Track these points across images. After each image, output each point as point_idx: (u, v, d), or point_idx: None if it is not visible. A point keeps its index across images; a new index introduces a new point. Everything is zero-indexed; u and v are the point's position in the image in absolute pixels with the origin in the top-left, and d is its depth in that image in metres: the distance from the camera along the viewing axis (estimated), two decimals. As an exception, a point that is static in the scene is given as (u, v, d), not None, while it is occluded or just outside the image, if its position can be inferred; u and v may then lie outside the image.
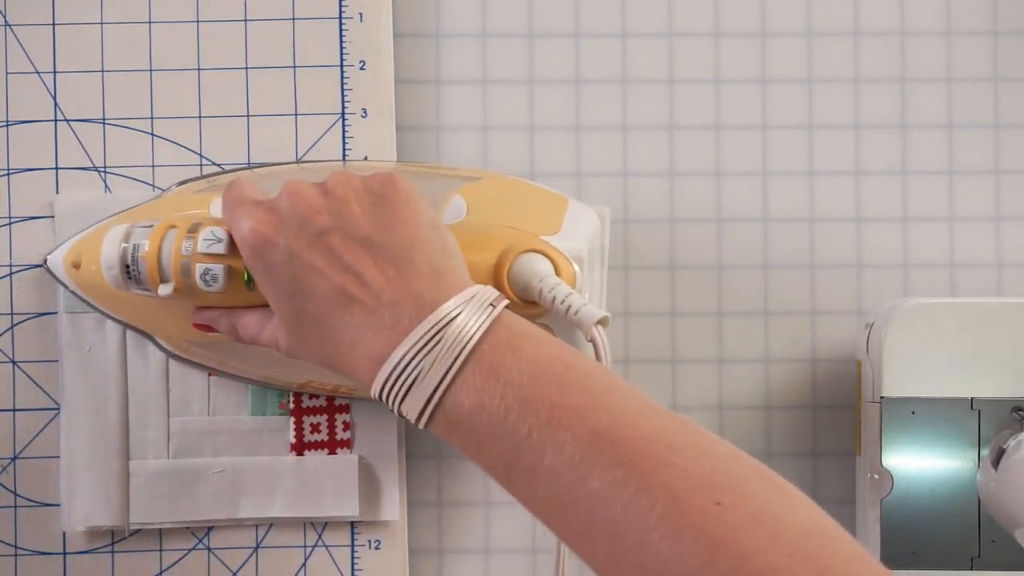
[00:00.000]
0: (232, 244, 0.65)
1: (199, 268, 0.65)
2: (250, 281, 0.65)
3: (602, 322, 0.64)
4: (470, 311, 0.58)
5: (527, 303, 0.66)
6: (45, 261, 0.73)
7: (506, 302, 0.60)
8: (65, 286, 0.72)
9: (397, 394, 0.58)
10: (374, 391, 0.59)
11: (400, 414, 0.59)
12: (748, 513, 0.52)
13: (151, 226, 0.67)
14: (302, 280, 0.61)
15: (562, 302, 0.65)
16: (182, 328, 0.70)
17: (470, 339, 0.58)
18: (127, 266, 0.67)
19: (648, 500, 0.53)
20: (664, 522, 0.52)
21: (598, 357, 0.64)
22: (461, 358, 0.57)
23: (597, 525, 0.54)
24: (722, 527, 0.52)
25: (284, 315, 0.63)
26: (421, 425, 0.59)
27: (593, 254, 0.72)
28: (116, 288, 0.68)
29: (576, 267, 0.67)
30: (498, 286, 0.66)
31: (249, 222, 0.62)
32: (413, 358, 0.58)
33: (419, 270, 0.60)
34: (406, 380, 0.58)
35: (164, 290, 0.66)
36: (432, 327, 0.58)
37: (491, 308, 0.59)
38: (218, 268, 0.65)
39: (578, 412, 0.56)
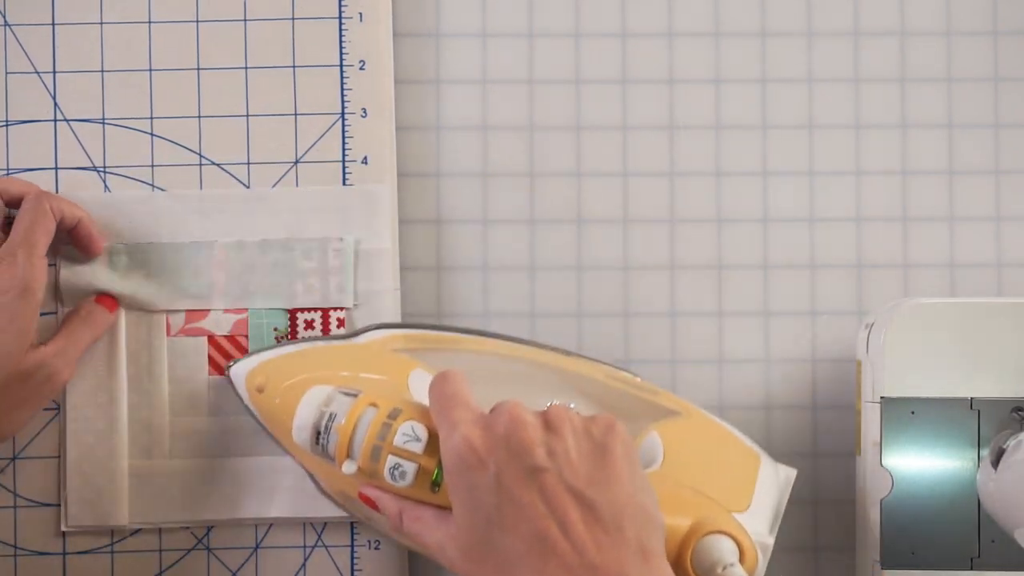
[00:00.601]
0: (430, 444, 0.64)
1: (390, 460, 0.64)
2: (437, 484, 0.64)
3: None
4: None
5: None
6: (228, 368, 0.73)
7: None
8: (242, 401, 0.73)
9: None
10: None
11: None
12: None
13: (354, 395, 0.67)
14: (504, 511, 0.59)
15: None
16: (344, 485, 0.69)
17: None
18: (319, 433, 0.66)
19: None
20: None
21: None
22: None
23: None
24: None
25: (470, 535, 0.61)
26: None
27: (774, 525, 0.71)
28: (301, 446, 0.67)
29: (761, 555, 0.67)
30: (679, 558, 0.65)
31: (465, 433, 0.61)
32: None
33: (627, 541, 0.59)
34: None
35: (348, 468, 0.65)
36: None
37: None
38: (409, 466, 0.64)
39: None
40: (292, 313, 0.76)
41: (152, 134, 0.76)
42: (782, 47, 0.79)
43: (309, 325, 0.76)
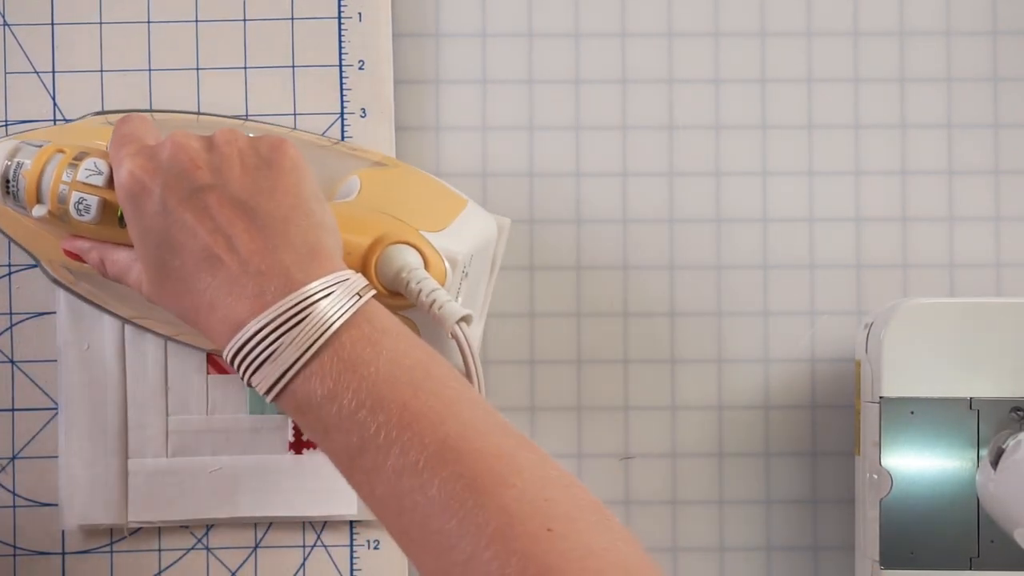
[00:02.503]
0: (112, 179, 0.65)
1: (75, 196, 0.65)
2: (124, 219, 0.64)
3: (465, 319, 0.64)
4: (336, 297, 0.58)
5: (393, 294, 0.66)
6: None
7: (373, 292, 0.60)
8: None
9: (250, 365, 0.58)
10: (226, 356, 0.59)
11: (249, 384, 0.59)
12: (577, 544, 0.52)
13: (40, 146, 0.67)
14: (171, 233, 0.60)
15: (427, 296, 0.65)
16: (58, 252, 0.70)
17: (331, 325, 0.57)
18: (7, 181, 0.67)
19: (484, 518, 0.53)
20: (496, 542, 0.52)
21: (462, 354, 0.64)
22: (319, 343, 0.57)
23: (430, 534, 0.54)
24: (551, 555, 0.52)
25: (149, 262, 0.62)
26: (269, 399, 0.58)
27: (479, 260, 0.72)
28: None
29: (448, 265, 0.67)
30: (366, 272, 0.66)
31: (129, 164, 0.62)
32: (271, 333, 0.57)
33: (292, 244, 0.59)
34: (260, 353, 0.57)
35: (38, 211, 0.66)
36: (295, 305, 0.57)
37: (357, 298, 0.58)
38: (93, 199, 0.65)
39: (429, 418, 0.55)
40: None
41: (152, 134, 0.76)
42: (782, 47, 0.79)
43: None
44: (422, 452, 0.55)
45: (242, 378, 0.59)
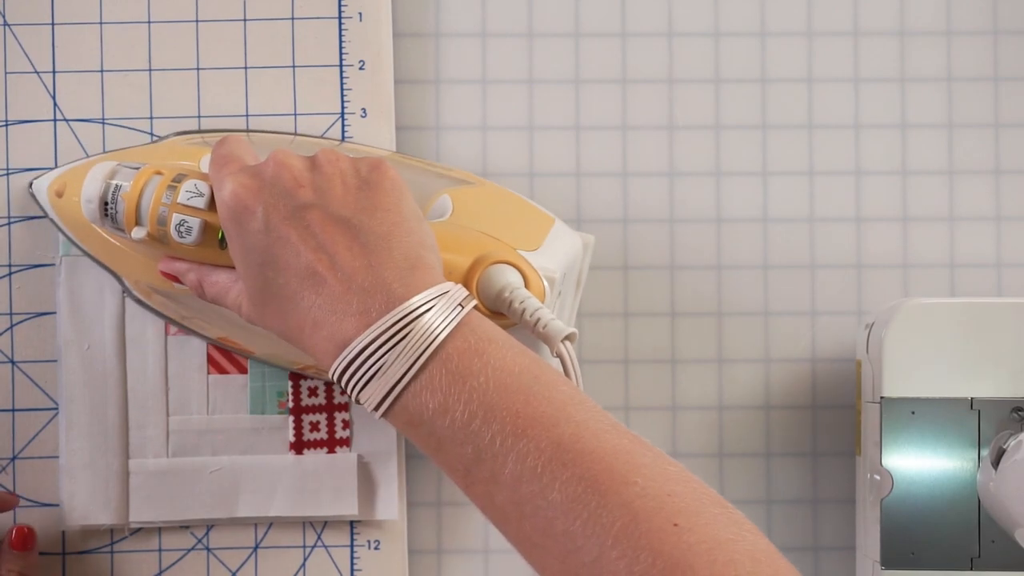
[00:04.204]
0: (213, 200, 0.65)
1: (175, 218, 0.65)
2: (224, 241, 0.65)
3: (569, 338, 0.64)
4: (439, 309, 0.58)
5: (495, 314, 0.66)
6: (31, 185, 0.74)
7: (475, 302, 0.60)
8: (46, 213, 0.73)
9: (358, 382, 0.58)
10: (333, 374, 0.59)
11: (358, 401, 0.59)
12: (704, 537, 0.52)
13: (138, 168, 0.67)
14: (274, 251, 0.61)
15: (531, 315, 0.65)
16: (150, 274, 0.70)
17: (436, 336, 0.58)
18: (106, 203, 0.67)
19: (608, 518, 0.53)
20: (623, 541, 0.52)
21: (566, 372, 0.64)
22: (426, 355, 0.57)
23: (555, 537, 0.54)
24: (679, 549, 0.52)
25: (251, 282, 0.62)
26: (379, 415, 0.58)
27: (569, 277, 0.72)
28: (92, 222, 0.68)
29: (547, 284, 0.67)
30: (466, 289, 0.65)
31: (231, 184, 0.62)
32: (378, 348, 0.58)
33: (394, 260, 0.60)
34: (368, 369, 0.58)
35: (138, 233, 0.66)
36: (400, 319, 0.58)
37: (460, 308, 0.59)
38: (194, 221, 0.65)
39: (543, 423, 0.56)
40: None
41: (152, 134, 0.76)
42: (782, 47, 0.79)
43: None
44: (539, 457, 0.55)
45: (351, 396, 0.59)
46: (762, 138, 0.79)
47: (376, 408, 0.58)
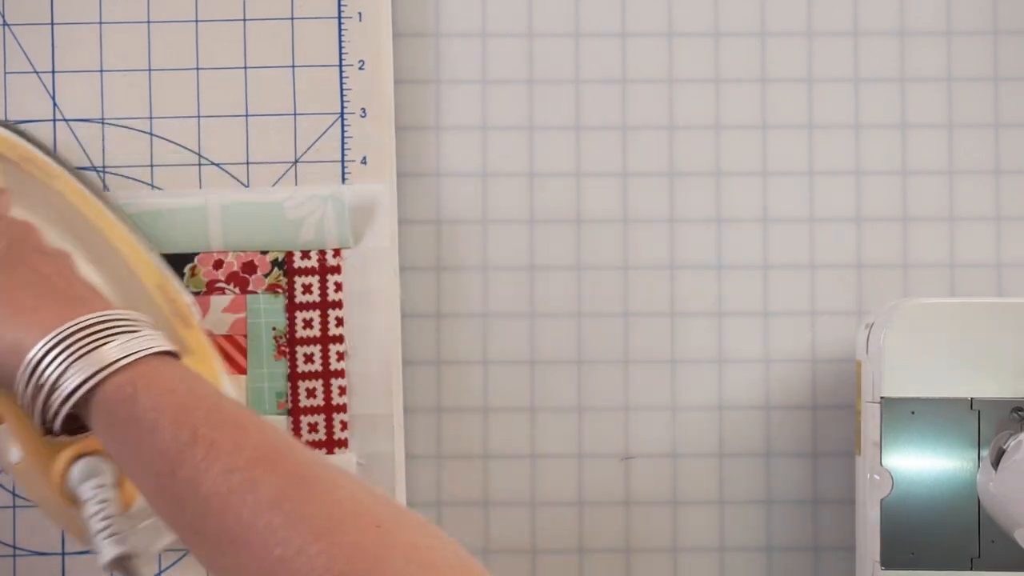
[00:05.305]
0: None
1: None
2: None
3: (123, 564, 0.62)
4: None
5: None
6: None
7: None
8: None
9: (64, 361, 0.59)
10: (39, 351, 0.59)
11: (48, 397, 0.60)
12: (404, 540, 0.53)
13: None
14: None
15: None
16: None
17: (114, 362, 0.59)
18: None
19: (314, 513, 0.54)
20: (325, 537, 0.53)
21: None
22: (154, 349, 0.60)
23: (257, 530, 0.54)
24: (380, 548, 0.53)
25: None
26: (77, 396, 0.59)
27: None
28: None
29: None
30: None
31: None
32: (98, 330, 0.60)
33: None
34: (81, 348, 0.59)
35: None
36: (120, 318, 0.61)
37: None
38: None
39: (259, 427, 0.58)
40: (291, 312, 0.76)
41: (151, 134, 0.76)
42: (782, 47, 0.79)
43: (308, 324, 0.76)
44: (255, 451, 0.56)
45: (43, 378, 0.60)
46: (762, 138, 0.79)
47: (77, 388, 0.59)
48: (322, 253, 0.76)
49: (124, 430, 0.58)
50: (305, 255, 0.76)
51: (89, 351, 0.59)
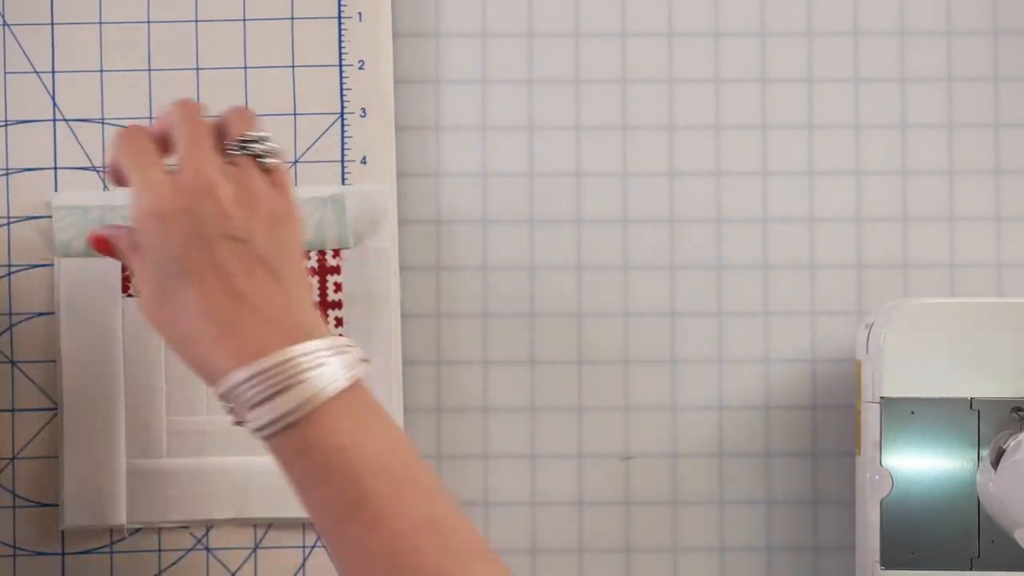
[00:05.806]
0: None
1: None
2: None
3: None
4: (351, 354, 0.61)
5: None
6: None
7: (368, 366, 0.62)
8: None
9: (259, 394, 0.59)
10: (231, 383, 0.60)
11: (240, 422, 0.61)
12: None
13: None
14: (191, 267, 0.60)
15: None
16: None
17: (352, 373, 0.60)
18: None
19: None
20: None
21: None
22: (343, 383, 0.60)
23: None
24: None
25: (153, 284, 0.61)
26: (270, 431, 0.60)
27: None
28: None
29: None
30: None
31: (152, 194, 0.62)
32: (297, 364, 0.59)
33: (307, 309, 0.62)
34: (280, 382, 0.59)
35: None
36: (324, 348, 0.60)
37: (360, 364, 0.61)
38: None
39: (424, 485, 0.60)
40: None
41: (151, 134, 0.76)
42: (782, 47, 0.79)
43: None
44: (417, 516, 0.59)
45: (238, 408, 0.61)
46: (762, 138, 0.79)
47: (270, 423, 0.59)
48: (322, 253, 0.76)
49: (297, 475, 0.60)
50: (305, 255, 0.76)
51: (271, 396, 0.59)
